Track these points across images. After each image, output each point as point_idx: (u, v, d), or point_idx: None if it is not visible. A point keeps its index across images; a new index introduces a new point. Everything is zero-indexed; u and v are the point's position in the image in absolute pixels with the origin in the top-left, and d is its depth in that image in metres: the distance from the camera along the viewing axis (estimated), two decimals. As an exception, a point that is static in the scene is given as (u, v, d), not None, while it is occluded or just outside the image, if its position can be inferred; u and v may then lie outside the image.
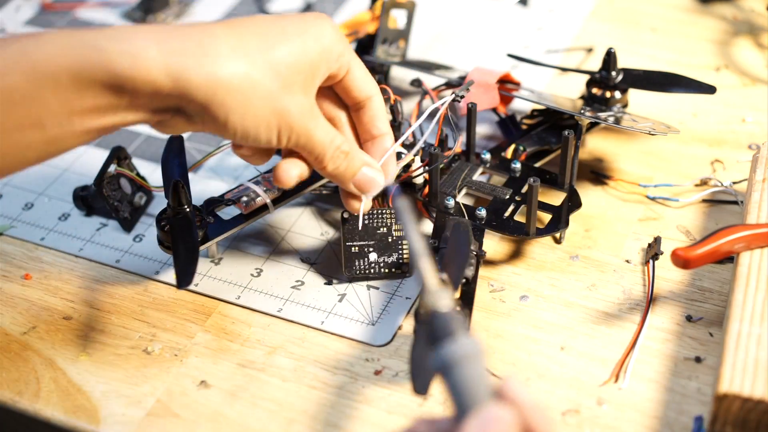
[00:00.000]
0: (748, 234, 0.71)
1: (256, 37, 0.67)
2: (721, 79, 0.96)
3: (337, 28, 0.70)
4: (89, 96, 0.63)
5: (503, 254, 0.80)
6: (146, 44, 0.63)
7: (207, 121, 0.66)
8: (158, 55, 0.63)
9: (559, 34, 1.02)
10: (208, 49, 0.64)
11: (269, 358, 0.73)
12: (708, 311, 0.75)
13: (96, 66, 0.62)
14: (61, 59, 0.62)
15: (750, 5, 1.03)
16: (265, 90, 0.66)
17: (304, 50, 0.68)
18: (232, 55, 0.65)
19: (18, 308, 0.77)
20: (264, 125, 0.67)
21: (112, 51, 0.62)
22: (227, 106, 0.65)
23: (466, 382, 0.51)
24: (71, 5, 1.07)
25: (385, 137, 0.75)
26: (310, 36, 0.68)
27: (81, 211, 0.84)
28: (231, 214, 0.79)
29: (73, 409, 0.70)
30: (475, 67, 0.86)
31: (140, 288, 0.78)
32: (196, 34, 0.65)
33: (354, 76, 0.72)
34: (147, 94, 0.64)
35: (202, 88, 0.64)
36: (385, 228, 0.78)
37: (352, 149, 0.72)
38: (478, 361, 0.51)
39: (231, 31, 0.66)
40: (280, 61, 0.67)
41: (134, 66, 0.62)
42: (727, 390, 0.64)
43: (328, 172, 0.72)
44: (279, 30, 0.68)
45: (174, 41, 0.64)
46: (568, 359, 0.72)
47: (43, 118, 0.62)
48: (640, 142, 0.89)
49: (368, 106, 0.74)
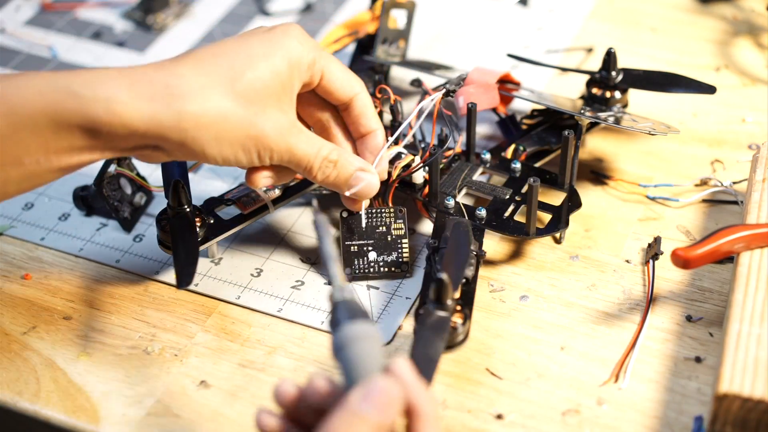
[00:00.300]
0: (748, 234, 0.71)
1: (222, 68, 0.68)
2: (721, 79, 0.96)
3: (305, 37, 0.71)
4: (66, 138, 0.65)
5: (503, 254, 0.80)
6: (118, 90, 0.65)
7: (186, 154, 0.68)
8: (129, 99, 0.65)
9: (559, 34, 1.02)
10: (175, 90, 0.66)
11: (269, 358, 0.73)
12: (708, 311, 0.75)
13: (71, 111, 0.65)
14: (39, 103, 0.64)
15: (750, 5, 1.03)
16: (237, 118, 0.68)
17: (272, 71, 0.69)
18: (200, 92, 0.67)
19: (18, 308, 0.77)
20: (242, 151, 0.69)
21: (85, 97, 0.65)
22: (201, 140, 0.67)
23: (357, 359, 0.56)
24: (71, 5, 1.07)
25: (377, 133, 0.75)
26: (276, 56, 0.70)
27: (81, 211, 0.84)
28: (231, 214, 0.79)
29: (73, 409, 0.70)
30: (475, 67, 0.86)
31: (140, 288, 0.78)
32: (164, 77, 0.67)
33: (331, 78, 0.73)
34: (122, 136, 0.66)
35: (175, 129, 0.66)
36: (384, 227, 0.78)
37: (341, 156, 0.73)
38: (369, 342, 0.56)
39: (197, 66, 0.68)
40: (249, 87, 0.68)
41: (108, 111, 0.65)
42: (727, 390, 0.64)
43: (320, 182, 0.73)
44: (245, 56, 0.69)
45: (143, 85, 0.66)
46: (568, 359, 0.72)
47: (21, 156, 0.65)
48: (640, 142, 0.89)
49: (354, 105, 0.75)
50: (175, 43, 1.02)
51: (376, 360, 0.56)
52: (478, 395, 0.70)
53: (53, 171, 0.67)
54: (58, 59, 1.00)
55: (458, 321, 0.70)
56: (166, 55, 1.00)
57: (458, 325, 0.69)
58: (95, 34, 1.03)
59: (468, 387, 0.71)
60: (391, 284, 0.78)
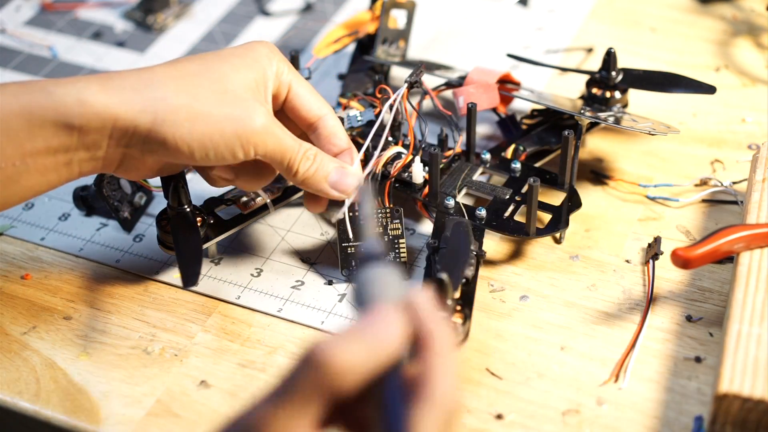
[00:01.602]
0: (748, 234, 0.71)
1: (195, 64, 0.70)
2: (720, 79, 0.96)
3: (276, 51, 0.73)
4: (40, 138, 0.66)
5: (503, 254, 0.80)
6: (89, 84, 0.67)
7: (157, 149, 0.68)
8: (100, 90, 0.67)
9: (559, 34, 1.02)
10: (146, 81, 0.68)
11: (269, 358, 0.73)
12: (708, 311, 0.75)
13: (44, 107, 0.66)
14: (13, 105, 0.66)
15: (750, 5, 1.03)
16: (213, 104, 0.68)
17: (245, 66, 0.70)
18: (172, 82, 0.68)
19: (18, 308, 0.77)
20: (221, 139, 0.68)
21: (57, 93, 0.66)
22: (172, 126, 0.67)
23: (372, 293, 0.52)
24: (71, 5, 1.07)
25: (349, 151, 0.75)
26: (248, 57, 0.71)
27: (81, 211, 0.84)
28: (231, 214, 0.79)
29: (73, 409, 0.70)
30: (475, 67, 0.86)
31: (140, 288, 0.78)
32: (136, 73, 0.69)
33: (298, 94, 0.73)
34: (94, 128, 0.67)
35: (144, 113, 0.67)
36: (381, 228, 0.78)
37: (319, 152, 0.73)
38: (386, 278, 0.52)
39: (169, 65, 0.70)
40: (224, 77, 0.69)
41: (79, 102, 0.66)
42: (727, 390, 0.64)
43: (300, 176, 0.72)
44: (216, 57, 0.71)
45: (114, 80, 0.68)
46: (568, 359, 0.72)
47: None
48: (640, 142, 0.89)
49: (323, 125, 0.74)
50: (175, 43, 1.02)
51: (394, 292, 0.52)
52: (478, 395, 0.70)
53: (32, 174, 0.67)
54: (58, 59, 1.00)
55: (458, 321, 0.70)
56: (167, 55, 1.00)
57: (458, 325, 0.69)
58: (95, 35, 1.03)
59: (468, 387, 0.71)
60: (391, 284, 0.78)
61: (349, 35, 0.90)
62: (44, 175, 0.68)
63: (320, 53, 0.89)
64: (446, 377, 0.49)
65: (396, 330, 0.49)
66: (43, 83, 0.67)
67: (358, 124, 0.81)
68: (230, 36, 1.03)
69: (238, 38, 1.02)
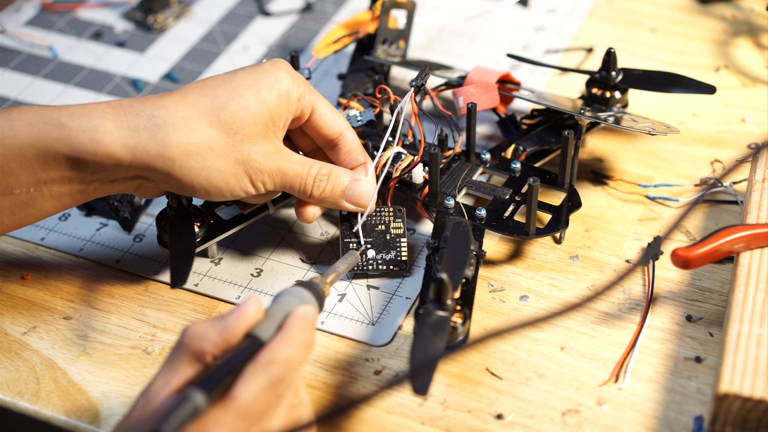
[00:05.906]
0: (748, 234, 0.71)
1: (206, 99, 0.70)
2: (720, 79, 0.96)
3: (294, 73, 0.73)
4: (54, 168, 0.68)
5: (503, 254, 0.80)
6: (103, 122, 0.68)
7: (175, 185, 0.70)
8: (114, 129, 0.68)
9: (559, 34, 1.02)
10: (159, 120, 0.68)
11: (269, 358, 0.73)
12: (708, 311, 0.75)
13: (58, 141, 0.67)
14: (28, 135, 0.67)
15: (750, 5, 1.03)
16: (222, 146, 0.69)
17: (257, 101, 0.71)
18: (184, 123, 0.69)
19: (18, 308, 0.77)
20: (233, 179, 0.70)
21: (72, 128, 0.67)
22: (187, 169, 0.69)
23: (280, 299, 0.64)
24: (71, 5, 1.07)
25: (367, 165, 0.76)
26: (263, 86, 0.71)
27: (81, 211, 0.84)
28: (231, 214, 0.79)
29: (73, 409, 0.70)
30: (475, 67, 0.86)
31: (140, 288, 0.78)
32: (149, 108, 0.69)
33: (321, 114, 0.74)
34: (108, 166, 0.68)
35: (160, 158, 0.68)
36: (384, 226, 0.78)
37: (333, 168, 0.74)
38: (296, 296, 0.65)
39: (181, 99, 0.70)
40: (234, 116, 0.70)
41: (93, 141, 0.67)
42: (727, 390, 0.64)
43: (318, 199, 0.74)
44: (229, 87, 0.71)
45: (128, 117, 0.68)
46: (568, 359, 0.72)
47: (12, 186, 0.68)
48: (640, 142, 0.89)
49: (342, 142, 0.76)
50: (175, 44, 1.02)
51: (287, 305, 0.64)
52: (478, 395, 0.70)
53: (46, 200, 0.69)
54: (58, 59, 1.00)
55: (458, 321, 0.70)
56: (166, 55, 1.00)
57: (458, 325, 0.69)
58: (95, 35, 1.03)
59: (468, 387, 0.71)
60: (391, 284, 0.78)
61: (349, 35, 0.90)
62: (59, 199, 0.70)
63: (320, 53, 0.89)
64: (278, 351, 0.60)
65: (245, 316, 0.61)
66: (58, 113, 0.68)
67: (358, 124, 0.81)
68: (230, 36, 1.03)
69: (238, 38, 1.02)
